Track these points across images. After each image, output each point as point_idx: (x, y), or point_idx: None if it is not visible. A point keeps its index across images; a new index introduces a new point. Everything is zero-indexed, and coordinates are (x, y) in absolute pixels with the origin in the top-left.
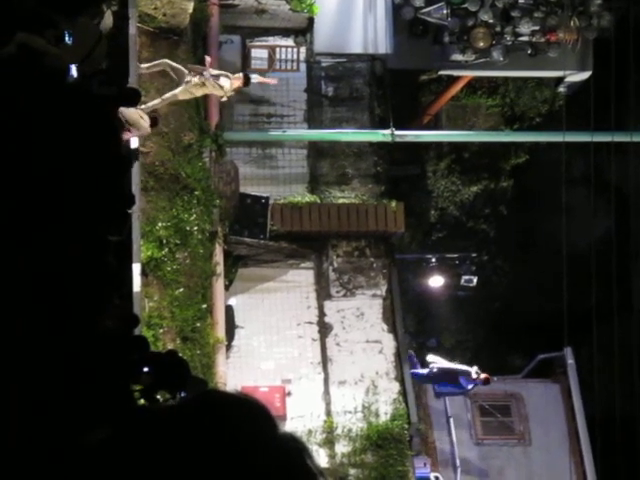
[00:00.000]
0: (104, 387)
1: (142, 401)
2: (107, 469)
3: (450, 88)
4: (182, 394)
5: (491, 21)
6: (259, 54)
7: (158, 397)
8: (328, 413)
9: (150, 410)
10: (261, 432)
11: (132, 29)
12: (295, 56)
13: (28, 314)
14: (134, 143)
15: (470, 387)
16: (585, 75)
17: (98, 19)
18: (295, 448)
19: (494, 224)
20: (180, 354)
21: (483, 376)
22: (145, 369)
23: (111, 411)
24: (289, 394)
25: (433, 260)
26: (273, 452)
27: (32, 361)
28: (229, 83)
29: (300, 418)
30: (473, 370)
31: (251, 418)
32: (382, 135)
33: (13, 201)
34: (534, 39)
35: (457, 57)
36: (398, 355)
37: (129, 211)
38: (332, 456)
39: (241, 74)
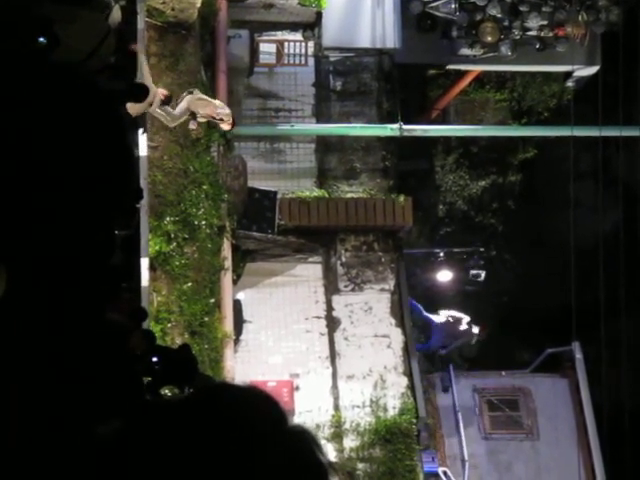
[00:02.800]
0: (112, 380)
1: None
2: (120, 460)
3: (458, 83)
4: (189, 390)
5: (499, 15)
6: (267, 48)
7: (164, 392)
8: (336, 407)
9: (161, 402)
10: (271, 424)
11: (140, 24)
12: (303, 50)
13: (29, 310)
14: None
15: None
16: (593, 70)
17: (106, 14)
18: (305, 441)
19: (502, 219)
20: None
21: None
22: (154, 359)
23: (121, 404)
24: (297, 388)
25: (441, 254)
26: (283, 444)
27: (31, 359)
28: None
29: (308, 412)
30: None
31: (261, 410)
32: (390, 130)
33: (19, 195)
34: (542, 34)
35: (465, 52)
36: (406, 349)
37: (137, 205)
38: (340, 450)
39: (231, 120)
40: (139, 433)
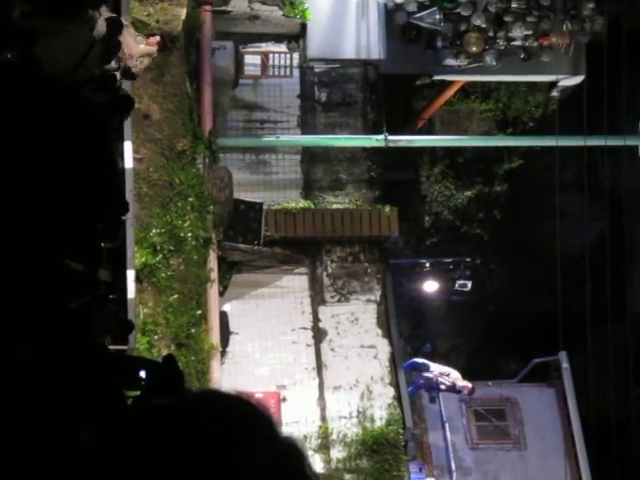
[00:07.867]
0: (92, 391)
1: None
2: (104, 466)
3: (443, 93)
4: None
5: (484, 26)
6: (252, 60)
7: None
8: (323, 418)
9: (147, 407)
10: (261, 433)
11: None
12: (288, 62)
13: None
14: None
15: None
16: (578, 79)
17: (91, 26)
18: (295, 451)
19: (488, 228)
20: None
21: (468, 387)
22: (141, 373)
23: (102, 413)
24: (284, 400)
25: (427, 265)
26: (271, 453)
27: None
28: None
29: (295, 424)
30: (458, 383)
31: (251, 418)
32: (375, 140)
33: (10, 205)
34: (527, 43)
35: (450, 62)
36: (393, 360)
37: (123, 218)
38: (327, 461)
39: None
40: (123, 438)
